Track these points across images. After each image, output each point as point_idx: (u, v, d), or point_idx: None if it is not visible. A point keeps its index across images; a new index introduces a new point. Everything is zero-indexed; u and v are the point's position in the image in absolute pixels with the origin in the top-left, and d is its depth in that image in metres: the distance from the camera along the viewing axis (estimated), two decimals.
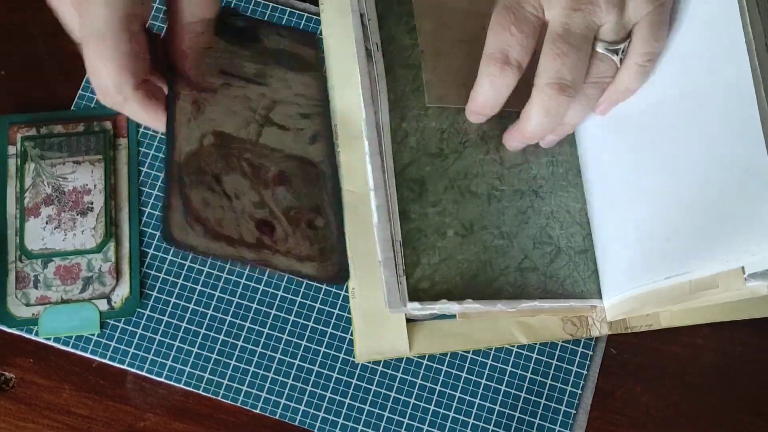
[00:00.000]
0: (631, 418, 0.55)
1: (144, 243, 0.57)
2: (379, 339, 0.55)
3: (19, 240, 0.56)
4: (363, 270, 0.55)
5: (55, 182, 0.57)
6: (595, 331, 0.55)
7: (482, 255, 0.53)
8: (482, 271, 0.53)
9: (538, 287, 0.53)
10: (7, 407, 0.55)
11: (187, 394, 0.55)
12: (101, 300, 0.56)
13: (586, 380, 0.55)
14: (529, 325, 0.55)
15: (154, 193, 0.58)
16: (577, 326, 0.55)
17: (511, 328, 0.55)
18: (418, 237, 0.52)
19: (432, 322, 0.55)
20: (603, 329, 0.55)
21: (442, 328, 0.55)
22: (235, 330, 0.56)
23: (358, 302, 0.55)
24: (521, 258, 0.54)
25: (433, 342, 0.55)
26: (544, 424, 0.54)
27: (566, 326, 0.55)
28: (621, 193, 0.53)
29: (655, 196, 0.50)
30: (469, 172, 0.54)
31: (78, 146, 0.58)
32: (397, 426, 0.54)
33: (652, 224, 0.50)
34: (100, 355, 0.55)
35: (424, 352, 0.55)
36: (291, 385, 0.55)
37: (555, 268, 0.54)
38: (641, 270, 0.51)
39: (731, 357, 0.56)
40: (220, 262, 0.57)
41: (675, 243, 0.49)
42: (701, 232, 0.47)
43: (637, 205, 0.52)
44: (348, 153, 0.56)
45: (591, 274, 0.54)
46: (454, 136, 0.55)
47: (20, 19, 0.62)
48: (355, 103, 0.54)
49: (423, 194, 0.53)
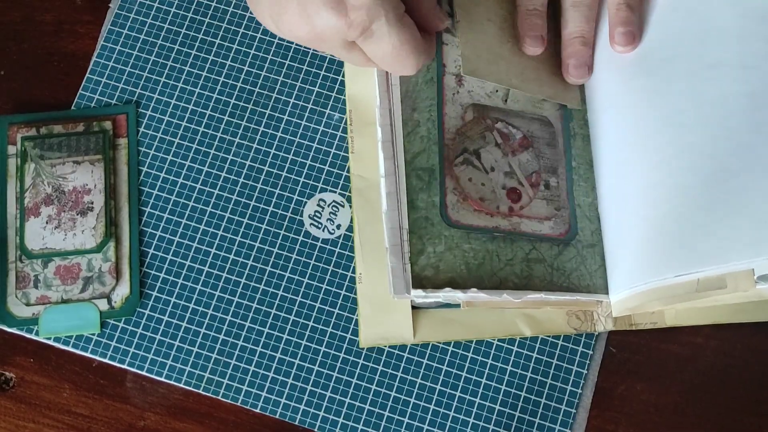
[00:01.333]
0: (631, 416, 0.55)
1: (144, 243, 0.57)
2: (383, 325, 0.55)
3: (19, 240, 0.56)
4: (370, 256, 0.55)
5: (55, 182, 0.57)
6: (600, 326, 0.55)
7: (489, 245, 0.53)
8: (488, 261, 0.53)
9: (544, 279, 0.53)
10: (7, 407, 0.55)
11: (187, 393, 0.55)
12: (101, 300, 0.56)
13: (586, 379, 0.55)
14: (534, 318, 0.55)
15: (154, 193, 0.58)
16: (582, 320, 0.55)
17: (516, 319, 0.55)
18: (424, 225, 0.53)
19: (437, 311, 0.55)
20: (608, 324, 0.55)
21: (447, 316, 0.55)
22: (235, 329, 0.56)
23: (364, 287, 0.55)
24: (528, 249, 0.54)
25: (437, 330, 0.55)
26: (544, 423, 0.54)
27: (571, 320, 0.55)
28: (633, 189, 0.53)
29: (668, 192, 0.50)
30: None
31: (78, 146, 0.58)
32: (397, 425, 0.54)
33: (663, 220, 0.50)
34: (101, 355, 0.55)
35: (428, 340, 0.55)
36: (291, 384, 0.55)
37: (562, 261, 0.54)
38: (650, 266, 0.51)
39: (731, 356, 0.56)
40: (478, 235, 0.56)
41: (685, 240, 0.49)
42: (713, 230, 0.47)
43: (648, 200, 0.52)
44: (360, 139, 0.57)
45: (598, 269, 0.54)
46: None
47: (20, 19, 0.62)
48: (368, 90, 0.55)
49: (432, 183, 0.53)
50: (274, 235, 0.57)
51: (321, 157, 0.59)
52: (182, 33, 0.61)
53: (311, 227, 0.57)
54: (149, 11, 0.61)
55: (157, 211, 0.58)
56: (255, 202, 0.58)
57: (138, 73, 0.60)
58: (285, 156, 0.59)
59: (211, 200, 0.58)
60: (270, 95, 0.60)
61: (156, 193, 0.58)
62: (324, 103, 0.59)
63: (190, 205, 0.58)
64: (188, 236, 0.57)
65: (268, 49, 0.61)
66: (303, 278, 0.57)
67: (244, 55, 0.61)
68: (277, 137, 0.59)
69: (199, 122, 0.59)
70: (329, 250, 0.57)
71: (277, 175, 0.58)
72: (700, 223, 0.48)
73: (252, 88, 0.60)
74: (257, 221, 0.58)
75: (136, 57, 0.60)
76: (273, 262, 0.57)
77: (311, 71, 0.60)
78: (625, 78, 0.54)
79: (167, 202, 0.58)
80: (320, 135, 0.59)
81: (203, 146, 0.59)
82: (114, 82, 0.60)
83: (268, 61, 0.60)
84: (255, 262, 0.57)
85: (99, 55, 0.60)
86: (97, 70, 0.60)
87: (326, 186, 0.58)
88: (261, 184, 0.58)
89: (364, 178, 0.57)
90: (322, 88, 0.60)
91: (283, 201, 0.58)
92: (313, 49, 0.57)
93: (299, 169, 0.59)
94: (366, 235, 0.56)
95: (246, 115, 0.60)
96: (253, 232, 0.57)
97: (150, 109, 0.60)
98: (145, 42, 0.61)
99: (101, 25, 0.61)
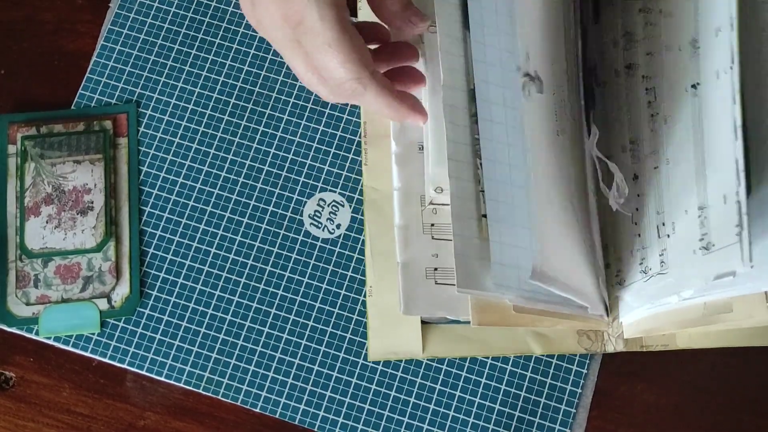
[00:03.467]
0: (631, 417, 0.55)
1: (144, 242, 0.57)
2: (392, 339, 0.55)
3: (19, 239, 0.56)
4: (381, 269, 0.55)
5: (56, 181, 0.57)
6: (611, 346, 0.54)
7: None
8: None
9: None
10: (7, 406, 0.55)
11: (187, 392, 0.55)
12: (101, 299, 0.56)
13: (586, 379, 0.55)
14: (546, 336, 0.55)
15: (154, 192, 0.58)
16: (592, 340, 0.55)
17: (527, 337, 0.55)
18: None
19: (447, 326, 0.55)
20: (618, 345, 0.54)
21: (456, 332, 0.55)
22: (235, 329, 0.56)
23: (374, 300, 0.55)
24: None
25: (446, 346, 0.55)
26: (544, 423, 0.54)
27: (582, 340, 0.55)
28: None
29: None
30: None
31: (78, 145, 0.58)
32: (397, 425, 0.54)
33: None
34: (100, 354, 0.55)
35: (437, 356, 0.55)
36: (291, 384, 0.55)
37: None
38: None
39: (732, 356, 0.56)
40: None
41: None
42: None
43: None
44: (374, 151, 0.57)
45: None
46: None
47: (20, 18, 0.62)
48: None
49: None
50: (274, 235, 0.57)
51: (321, 156, 0.59)
52: (182, 33, 0.61)
53: (311, 227, 0.57)
54: (149, 11, 0.61)
55: (157, 210, 0.58)
56: (255, 201, 0.58)
57: (138, 73, 0.60)
58: (285, 156, 0.59)
59: (211, 200, 0.58)
60: (270, 95, 0.60)
61: (156, 192, 0.58)
62: (324, 103, 0.59)
63: (190, 204, 0.58)
64: (188, 236, 0.57)
65: (268, 49, 0.61)
66: (303, 278, 0.57)
67: (244, 55, 0.61)
68: (277, 137, 0.59)
69: (199, 122, 0.59)
70: (329, 250, 0.57)
71: (277, 174, 0.58)
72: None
73: (252, 88, 0.60)
74: (257, 221, 0.58)
75: (136, 56, 0.60)
76: (273, 261, 0.57)
77: None
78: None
79: (167, 201, 0.58)
80: (320, 135, 0.59)
81: (203, 146, 0.59)
82: (114, 81, 0.60)
83: (268, 61, 0.60)
84: (255, 261, 0.57)
85: (99, 54, 0.60)
86: (97, 70, 0.60)
87: (326, 186, 0.58)
88: (261, 183, 0.58)
89: (377, 190, 0.57)
90: None
91: (283, 201, 0.58)
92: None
93: (299, 169, 0.58)
94: (378, 248, 0.56)
95: (246, 115, 0.59)
96: (253, 231, 0.57)
97: (150, 108, 0.60)
98: (145, 42, 0.61)
99: (101, 25, 0.61)
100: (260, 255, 0.57)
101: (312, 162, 0.59)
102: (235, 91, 0.60)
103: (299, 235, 0.57)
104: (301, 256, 0.57)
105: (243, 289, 0.57)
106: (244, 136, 0.59)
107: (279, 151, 0.59)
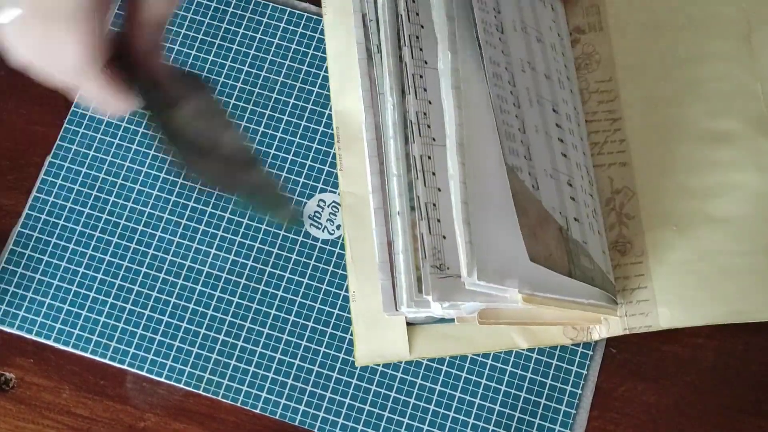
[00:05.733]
0: (632, 417, 0.55)
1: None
2: (379, 342, 0.55)
3: None
4: (363, 273, 0.55)
5: None
6: (596, 334, 0.55)
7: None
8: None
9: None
10: (7, 407, 0.55)
11: (188, 394, 0.55)
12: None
13: (586, 380, 0.55)
14: (530, 330, 0.55)
15: (153, 193, 0.58)
16: (577, 330, 0.55)
17: (511, 332, 0.55)
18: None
19: (432, 326, 0.55)
20: (602, 332, 0.55)
21: (441, 331, 0.55)
22: (235, 330, 0.56)
23: (358, 305, 0.55)
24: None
25: (432, 346, 0.55)
26: (544, 424, 0.54)
27: (567, 330, 0.55)
28: None
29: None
30: None
31: None
32: (397, 426, 0.54)
33: None
34: (100, 355, 0.55)
35: (424, 356, 0.55)
36: (291, 385, 0.55)
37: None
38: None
39: (732, 356, 0.56)
40: None
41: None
42: None
43: None
44: (349, 156, 0.57)
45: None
46: None
47: None
48: (355, 105, 0.54)
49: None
50: (273, 236, 0.57)
51: (321, 157, 0.59)
52: (182, 33, 0.61)
53: (311, 227, 0.57)
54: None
55: (157, 211, 0.58)
56: None
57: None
58: (285, 156, 0.59)
59: (210, 200, 0.58)
60: (270, 95, 0.60)
61: (156, 193, 0.58)
62: (324, 104, 0.59)
63: (190, 205, 0.58)
64: (188, 236, 0.57)
65: (268, 49, 0.61)
66: (303, 278, 0.57)
67: (244, 55, 0.60)
68: (277, 137, 0.59)
69: None
70: (329, 251, 0.57)
71: (277, 175, 0.58)
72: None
73: (252, 89, 0.60)
74: (257, 221, 0.58)
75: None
76: (273, 262, 0.57)
77: (311, 71, 0.60)
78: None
79: (167, 202, 0.58)
80: (320, 135, 0.59)
81: None
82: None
83: (267, 61, 0.60)
84: (255, 262, 0.57)
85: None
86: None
87: (326, 186, 0.58)
88: None
89: (354, 195, 0.56)
90: (322, 88, 0.60)
91: None
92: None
93: (299, 169, 0.58)
94: (358, 253, 0.56)
95: (246, 115, 0.59)
96: (252, 232, 0.57)
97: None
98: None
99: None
100: (260, 256, 0.57)
101: (312, 162, 0.59)
102: (235, 91, 0.60)
103: (299, 235, 0.57)
104: (301, 257, 0.57)
105: (243, 290, 0.56)
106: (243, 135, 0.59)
107: (279, 152, 0.59)
